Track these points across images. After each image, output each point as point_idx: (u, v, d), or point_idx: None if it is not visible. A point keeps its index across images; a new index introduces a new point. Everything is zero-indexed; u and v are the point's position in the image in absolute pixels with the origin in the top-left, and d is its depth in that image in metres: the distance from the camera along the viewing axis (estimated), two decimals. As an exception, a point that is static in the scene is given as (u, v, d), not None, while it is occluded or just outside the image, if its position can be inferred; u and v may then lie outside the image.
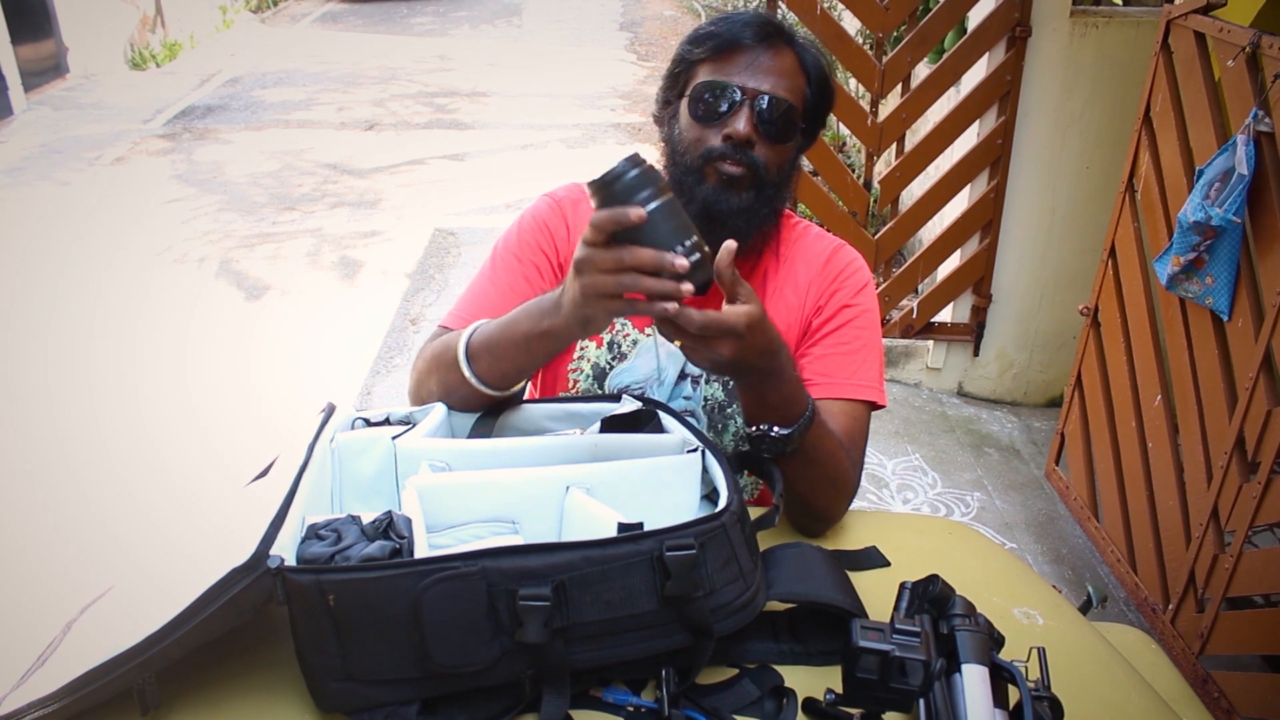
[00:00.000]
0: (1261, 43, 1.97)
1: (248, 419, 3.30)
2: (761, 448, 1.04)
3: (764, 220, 1.19)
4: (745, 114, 1.13)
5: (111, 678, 0.74)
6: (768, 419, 1.03)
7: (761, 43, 1.14)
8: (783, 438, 1.03)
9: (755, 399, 1.02)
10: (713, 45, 1.15)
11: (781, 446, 1.04)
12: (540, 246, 1.26)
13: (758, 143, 1.14)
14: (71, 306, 4.17)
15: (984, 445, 3.29)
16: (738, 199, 1.15)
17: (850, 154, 5.48)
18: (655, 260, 0.84)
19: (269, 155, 6.30)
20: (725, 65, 1.15)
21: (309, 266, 4.65)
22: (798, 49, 1.17)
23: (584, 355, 1.27)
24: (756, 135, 1.13)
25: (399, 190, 5.70)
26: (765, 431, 1.03)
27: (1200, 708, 1.10)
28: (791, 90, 1.15)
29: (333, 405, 1.04)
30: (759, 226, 1.19)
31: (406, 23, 10.86)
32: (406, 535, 0.83)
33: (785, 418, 1.03)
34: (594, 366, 1.26)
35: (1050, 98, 3.04)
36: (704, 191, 1.15)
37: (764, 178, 1.15)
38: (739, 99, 1.13)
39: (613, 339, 1.26)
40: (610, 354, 1.26)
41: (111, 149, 6.40)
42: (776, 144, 1.15)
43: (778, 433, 1.03)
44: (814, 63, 1.18)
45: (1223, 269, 2.07)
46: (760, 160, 1.14)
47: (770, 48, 1.14)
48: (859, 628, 0.77)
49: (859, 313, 1.24)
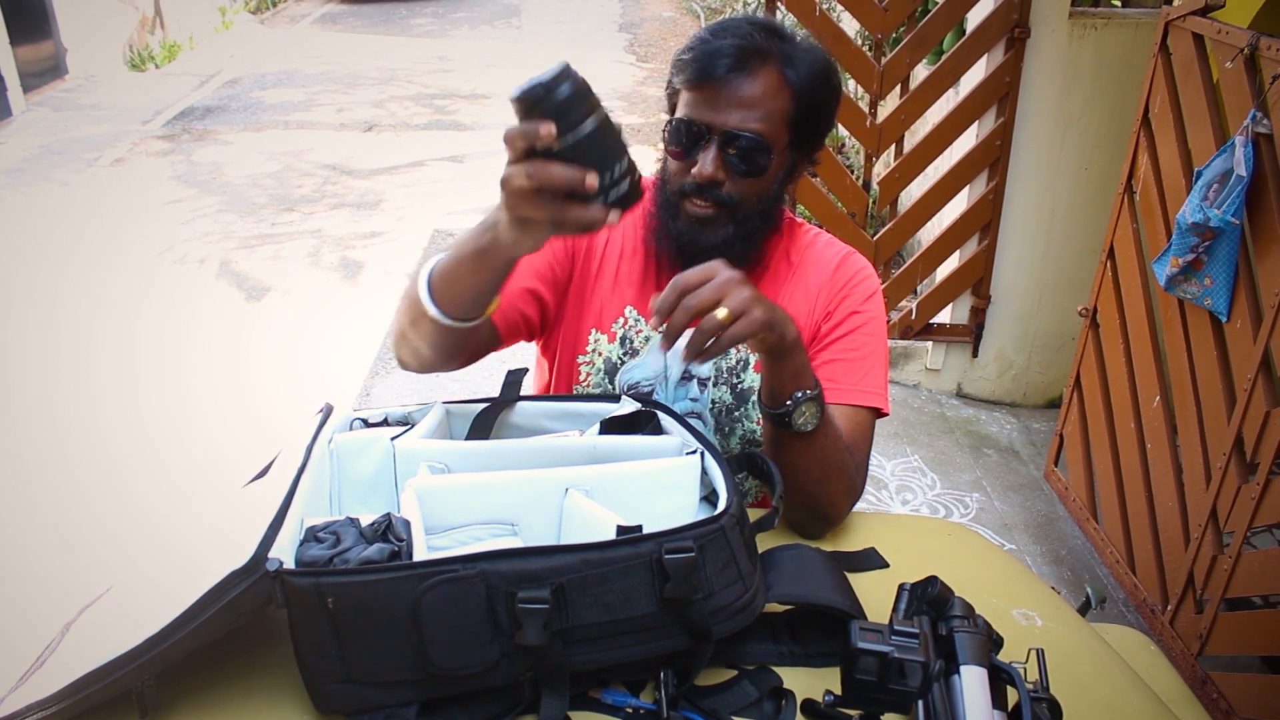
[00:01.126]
0: (1260, 44, 1.98)
1: (248, 419, 3.30)
2: (791, 420, 1.04)
3: (748, 248, 1.18)
4: (713, 154, 1.11)
5: (111, 679, 0.74)
6: (793, 387, 1.04)
7: (737, 71, 1.09)
8: (812, 398, 1.04)
9: (778, 369, 1.03)
10: (689, 75, 1.12)
11: (811, 413, 1.04)
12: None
13: (727, 180, 1.12)
14: (71, 307, 4.16)
15: (983, 446, 3.29)
16: (712, 235, 1.15)
17: (849, 155, 5.48)
18: (567, 180, 0.81)
19: (268, 156, 6.30)
20: (698, 98, 1.12)
21: (308, 267, 4.65)
22: (779, 63, 1.12)
23: (596, 348, 1.27)
24: (725, 173, 1.12)
25: (399, 191, 5.70)
26: (796, 399, 1.03)
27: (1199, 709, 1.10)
28: (767, 117, 1.11)
29: (330, 406, 1.04)
30: (743, 255, 1.17)
31: (406, 24, 10.86)
32: (405, 538, 0.83)
33: (808, 382, 1.05)
34: (605, 360, 1.27)
35: (1049, 99, 3.05)
36: (678, 227, 1.16)
37: (739, 213, 1.15)
38: (708, 137, 1.11)
39: (625, 334, 1.27)
40: (622, 349, 1.27)
41: (111, 150, 6.40)
42: (750, 178, 1.13)
43: (806, 394, 1.04)
44: (803, 70, 1.13)
45: (1221, 270, 2.08)
46: (732, 197, 1.13)
47: (748, 74, 1.10)
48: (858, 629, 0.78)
49: (867, 319, 1.24)
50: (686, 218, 1.15)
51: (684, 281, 0.94)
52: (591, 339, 1.27)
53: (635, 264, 1.27)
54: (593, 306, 1.27)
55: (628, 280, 1.27)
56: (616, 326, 1.27)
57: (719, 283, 0.94)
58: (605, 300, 1.27)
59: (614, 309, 1.27)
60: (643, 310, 1.26)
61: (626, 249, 1.27)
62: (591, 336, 1.27)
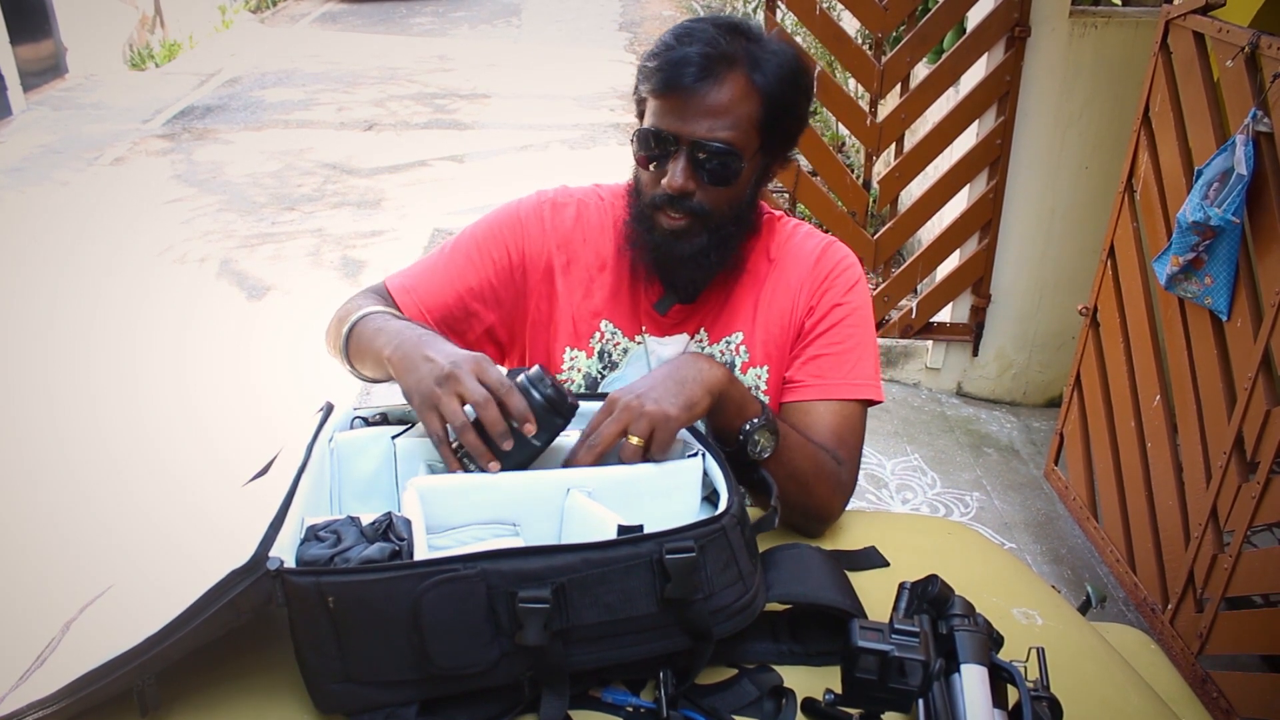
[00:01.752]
0: (1260, 43, 1.97)
1: (248, 418, 3.30)
2: (747, 452, 1.05)
3: (725, 255, 1.18)
4: (682, 164, 1.10)
5: (111, 679, 0.74)
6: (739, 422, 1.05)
7: (702, 79, 1.07)
8: (762, 425, 1.04)
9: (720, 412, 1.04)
10: (654, 84, 1.10)
11: (765, 439, 1.05)
12: (506, 243, 1.25)
13: (698, 190, 1.12)
14: (71, 306, 4.16)
15: (983, 445, 3.29)
16: (688, 245, 1.14)
17: (849, 154, 5.48)
18: (494, 429, 0.93)
19: (269, 155, 6.29)
20: (665, 107, 1.10)
21: (309, 266, 4.64)
22: (747, 66, 1.10)
23: (575, 365, 1.26)
24: (696, 184, 1.11)
25: (399, 190, 5.70)
26: (746, 432, 1.04)
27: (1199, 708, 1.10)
28: (735, 125, 1.09)
29: (331, 404, 1.04)
30: (720, 262, 1.18)
31: (406, 23, 10.85)
32: (406, 537, 0.83)
33: (753, 411, 1.06)
34: (585, 376, 1.26)
35: (1049, 98, 3.05)
36: (654, 239, 1.16)
37: (712, 221, 1.14)
38: (675, 148, 1.10)
39: (603, 348, 1.26)
40: (601, 363, 1.26)
41: (111, 149, 6.40)
42: (720, 186, 1.12)
43: (755, 423, 1.04)
44: (772, 73, 1.10)
45: (1222, 269, 2.08)
46: (703, 206, 1.13)
47: (714, 82, 1.08)
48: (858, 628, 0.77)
49: (850, 310, 1.23)
50: (661, 230, 1.15)
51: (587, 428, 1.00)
52: (567, 357, 1.26)
53: (607, 277, 1.25)
54: (563, 325, 1.26)
55: (600, 294, 1.25)
56: (594, 341, 1.26)
57: (616, 414, 0.97)
58: (577, 316, 1.25)
59: (587, 324, 1.26)
60: (618, 324, 1.25)
61: (593, 262, 1.26)
62: (567, 355, 1.26)
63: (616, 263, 1.25)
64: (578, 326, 1.25)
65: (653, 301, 1.24)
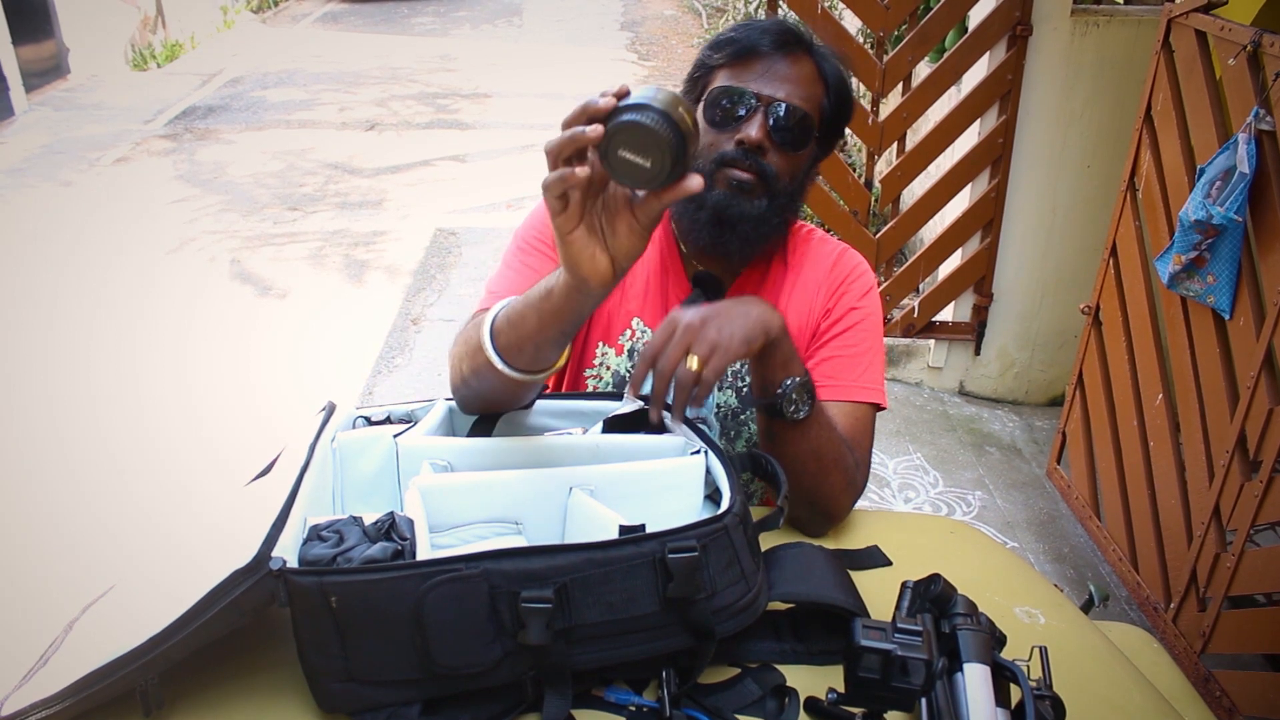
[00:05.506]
0: (1263, 41, 1.97)
1: (250, 418, 3.30)
2: (782, 408, 1.04)
3: (774, 229, 1.19)
4: (759, 120, 1.13)
5: (115, 678, 0.74)
6: (782, 375, 1.04)
7: (780, 50, 1.14)
8: (801, 384, 1.04)
9: (767, 362, 1.03)
10: (731, 51, 1.15)
11: (802, 399, 1.04)
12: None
13: (770, 150, 1.14)
14: (73, 307, 4.17)
15: (985, 444, 3.29)
16: (749, 204, 1.15)
17: (851, 153, 5.48)
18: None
19: (271, 155, 6.30)
20: (742, 71, 1.15)
21: (311, 266, 4.65)
22: (817, 57, 1.17)
23: (604, 362, 1.27)
24: (769, 142, 1.13)
25: (401, 190, 5.70)
26: (786, 387, 1.04)
27: (1202, 707, 1.10)
28: (808, 99, 1.15)
29: (333, 404, 1.04)
30: (769, 235, 1.19)
31: (407, 23, 10.86)
32: (409, 537, 0.83)
33: (796, 370, 1.05)
34: (614, 374, 1.27)
35: (1051, 96, 3.04)
36: (715, 197, 1.15)
37: (775, 186, 1.16)
38: (754, 105, 1.13)
39: (633, 346, 1.26)
40: (630, 362, 1.26)
41: (113, 149, 6.40)
42: (790, 152, 1.15)
43: (795, 380, 1.04)
44: (833, 72, 1.18)
45: (1224, 267, 2.07)
46: (771, 168, 1.14)
47: (788, 55, 1.14)
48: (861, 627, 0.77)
49: (864, 316, 1.25)
50: (725, 184, 1.15)
51: (649, 350, 0.96)
52: (599, 353, 1.27)
53: (640, 275, 1.27)
54: (599, 320, 1.27)
55: (634, 292, 1.27)
56: (624, 339, 1.26)
57: (680, 334, 0.95)
58: (611, 313, 1.26)
59: (620, 322, 1.27)
60: (649, 322, 1.26)
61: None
62: (599, 350, 1.27)
63: (649, 263, 1.26)
64: (612, 322, 1.26)
65: (681, 300, 1.25)
